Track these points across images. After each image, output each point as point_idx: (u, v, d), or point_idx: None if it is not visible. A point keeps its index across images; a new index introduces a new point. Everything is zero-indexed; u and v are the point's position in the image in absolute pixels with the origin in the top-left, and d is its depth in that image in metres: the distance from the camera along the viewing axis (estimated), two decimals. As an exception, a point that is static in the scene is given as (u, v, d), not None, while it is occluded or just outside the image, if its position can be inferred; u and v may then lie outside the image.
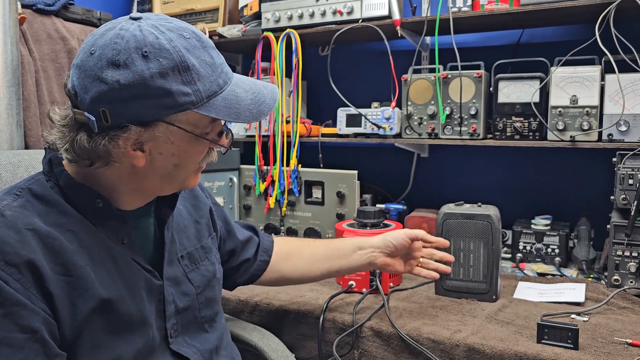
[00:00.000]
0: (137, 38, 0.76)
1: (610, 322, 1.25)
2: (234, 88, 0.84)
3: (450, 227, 1.42)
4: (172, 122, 0.80)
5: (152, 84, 0.76)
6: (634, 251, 1.44)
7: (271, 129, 2.11)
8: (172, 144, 0.82)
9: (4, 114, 1.57)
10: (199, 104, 0.79)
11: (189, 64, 0.78)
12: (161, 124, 0.79)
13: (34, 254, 0.76)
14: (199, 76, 0.79)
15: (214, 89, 0.81)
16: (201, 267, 1.03)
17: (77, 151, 0.80)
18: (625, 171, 1.47)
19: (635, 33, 1.55)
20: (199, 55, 0.80)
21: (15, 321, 0.73)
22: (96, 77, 0.76)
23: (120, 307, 0.83)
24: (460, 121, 1.79)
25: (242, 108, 0.83)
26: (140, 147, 0.81)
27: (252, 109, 0.84)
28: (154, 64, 0.76)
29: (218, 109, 0.81)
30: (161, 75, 0.76)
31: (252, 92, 0.86)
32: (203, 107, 0.80)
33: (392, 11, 1.87)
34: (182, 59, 0.78)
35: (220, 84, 0.82)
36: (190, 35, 0.81)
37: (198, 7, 2.32)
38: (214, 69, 0.82)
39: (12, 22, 1.59)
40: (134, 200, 0.90)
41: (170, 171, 0.86)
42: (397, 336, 1.23)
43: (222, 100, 0.82)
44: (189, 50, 0.79)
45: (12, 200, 0.81)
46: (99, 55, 0.76)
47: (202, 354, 0.96)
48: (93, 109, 0.77)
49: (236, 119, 0.83)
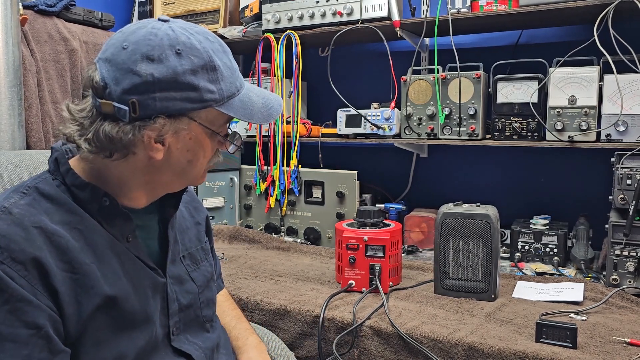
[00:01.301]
0: (171, 37, 0.82)
1: (609, 322, 1.25)
2: (247, 92, 0.90)
3: (449, 227, 1.43)
4: (194, 117, 0.85)
5: (183, 79, 0.81)
6: (632, 251, 1.45)
7: (271, 130, 2.11)
8: (190, 139, 0.86)
9: (6, 114, 1.58)
10: (221, 102, 0.85)
11: (216, 65, 0.84)
12: (184, 119, 0.84)
13: (40, 251, 0.77)
14: (222, 76, 0.85)
15: (233, 90, 0.87)
16: (202, 267, 1.04)
17: (102, 141, 0.81)
18: (623, 171, 1.48)
19: (633, 34, 1.56)
20: (221, 57, 0.86)
21: (20, 317, 0.73)
22: (129, 70, 0.80)
23: (125, 304, 0.84)
24: (459, 121, 1.80)
25: (255, 110, 0.90)
26: (162, 141, 0.84)
27: (264, 112, 0.91)
28: (186, 61, 0.81)
29: (236, 108, 0.87)
30: (192, 72, 0.81)
31: (262, 97, 0.92)
32: (223, 106, 0.86)
33: (391, 12, 1.88)
34: (211, 59, 0.84)
35: (238, 87, 0.88)
36: (214, 40, 0.87)
37: (199, 9, 2.33)
38: (232, 72, 0.88)
39: (14, 23, 1.60)
40: (142, 196, 0.91)
41: (184, 167, 0.89)
42: (396, 335, 1.24)
43: (239, 102, 0.88)
44: (214, 52, 0.85)
45: (19, 198, 0.82)
46: (132, 49, 0.80)
47: (203, 351, 0.97)
48: (123, 100, 0.80)
49: (250, 119, 0.89)
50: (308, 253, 1.90)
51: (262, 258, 1.82)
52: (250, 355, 1.11)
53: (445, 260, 1.43)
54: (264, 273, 1.66)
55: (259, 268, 1.70)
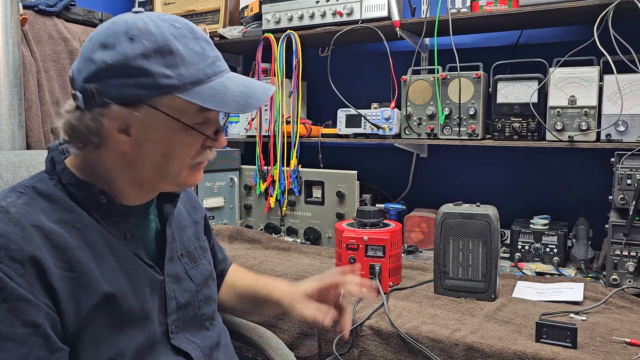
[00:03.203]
0: (129, 24, 0.81)
1: (609, 322, 1.25)
2: (224, 80, 0.85)
3: (449, 227, 1.43)
4: (156, 106, 0.80)
5: (133, 63, 0.78)
6: (632, 251, 1.45)
7: (271, 130, 2.11)
8: (156, 130, 0.83)
9: (6, 114, 1.58)
10: (183, 89, 0.80)
11: (173, 48, 0.80)
12: (145, 107, 0.81)
13: (38, 250, 0.77)
14: (183, 61, 0.80)
15: (199, 76, 0.82)
16: (200, 265, 1.04)
17: (69, 131, 0.83)
18: (623, 171, 1.48)
19: (633, 34, 1.56)
20: (187, 43, 0.82)
21: (18, 316, 0.74)
22: (88, 59, 0.81)
23: (123, 302, 0.84)
24: (459, 121, 1.80)
25: (228, 98, 0.83)
26: (127, 131, 0.82)
27: (240, 100, 0.84)
28: (138, 46, 0.79)
29: (203, 96, 0.81)
30: (143, 56, 0.79)
31: (244, 86, 0.86)
32: (187, 93, 0.80)
33: (391, 12, 1.88)
34: (166, 43, 0.80)
35: (209, 74, 0.83)
36: (182, 26, 0.83)
37: (199, 9, 2.33)
38: (202, 58, 0.83)
39: (14, 23, 1.60)
40: (134, 192, 0.91)
41: (159, 161, 0.85)
42: (396, 335, 1.24)
43: (209, 89, 0.82)
44: (176, 37, 0.81)
45: (16, 197, 0.82)
46: (94, 40, 0.82)
47: (202, 350, 0.97)
48: (84, 89, 0.81)
49: (221, 108, 0.83)
50: (308, 253, 1.90)
51: (262, 258, 1.82)
52: (283, 285, 1.11)
53: (445, 260, 1.44)
54: (264, 273, 1.65)
55: (259, 268, 1.70)
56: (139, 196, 0.92)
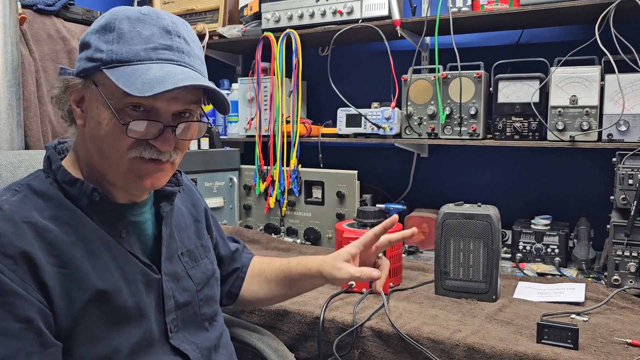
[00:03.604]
0: (112, 12, 0.85)
1: (610, 322, 1.25)
2: (154, 66, 0.80)
3: (450, 227, 1.42)
4: (96, 82, 0.83)
5: (86, 38, 0.85)
6: (634, 251, 1.44)
7: (271, 129, 2.11)
8: (96, 109, 0.83)
9: (5, 114, 1.57)
10: (110, 65, 0.80)
11: (116, 26, 0.81)
12: (90, 83, 0.83)
13: (30, 245, 0.77)
14: (122, 39, 0.80)
15: (129, 56, 0.79)
16: (201, 264, 1.04)
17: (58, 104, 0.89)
18: (625, 171, 1.47)
19: (634, 33, 1.56)
20: (138, 26, 0.81)
21: (10, 311, 0.74)
22: None
23: (117, 298, 0.84)
24: (460, 121, 1.79)
25: (137, 80, 0.77)
26: (81, 105, 0.86)
27: (148, 82, 0.77)
28: (96, 23, 0.85)
29: (118, 74, 0.78)
30: (93, 32, 0.84)
31: (166, 72, 0.79)
32: (111, 70, 0.79)
33: (392, 11, 1.87)
34: (112, 21, 0.82)
35: (141, 57, 0.80)
36: (148, 12, 0.83)
37: (198, 7, 2.32)
38: (145, 42, 0.80)
39: (13, 22, 1.60)
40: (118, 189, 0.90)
41: (99, 143, 0.84)
42: (397, 336, 1.23)
43: (131, 70, 0.79)
44: (129, 18, 0.82)
45: (11, 195, 0.83)
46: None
47: (200, 351, 0.97)
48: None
49: (126, 88, 0.77)
50: (308, 253, 1.89)
51: (262, 258, 1.82)
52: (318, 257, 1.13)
53: (446, 261, 1.43)
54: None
55: (259, 268, 1.70)
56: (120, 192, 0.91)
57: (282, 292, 1.20)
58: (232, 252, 1.22)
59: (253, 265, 1.24)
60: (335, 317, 1.32)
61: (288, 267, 1.17)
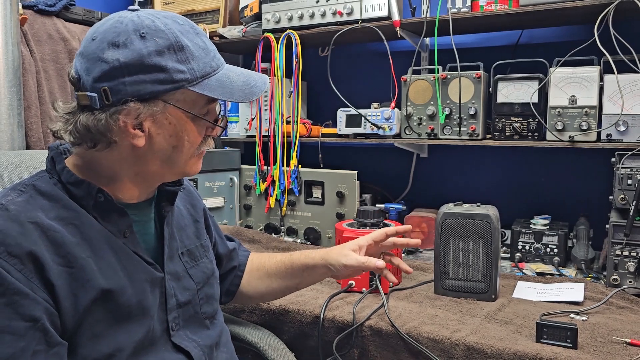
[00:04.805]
0: (135, 22, 0.83)
1: (609, 322, 1.25)
2: (226, 72, 0.90)
3: (449, 227, 1.42)
4: (169, 100, 0.85)
5: (149, 61, 0.82)
6: (633, 251, 1.44)
7: (271, 129, 2.11)
8: (169, 124, 0.86)
9: (5, 114, 1.58)
10: (194, 82, 0.85)
11: (183, 44, 0.84)
12: (159, 102, 0.84)
13: (36, 245, 0.78)
14: (192, 56, 0.85)
15: (207, 70, 0.87)
16: (201, 264, 1.05)
17: (80, 131, 0.84)
18: (624, 171, 1.48)
19: (634, 33, 1.56)
20: (192, 39, 0.86)
21: (16, 310, 0.75)
22: (98, 59, 0.82)
23: (121, 297, 0.85)
24: (459, 121, 1.80)
25: (235, 88, 0.89)
26: (140, 127, 0.85)
27: (245, 90, 0.90)
28: (151, 43, 0.82)
29: (212, 88, 0.86)
30: (157, 53, 0.82)
31: (244, 76, 0.92)
32: (198, 86, 0.85)
33: (391, 12, 1.87)
34: (177, 40, 0.84)
35: (214, 67, 0.88)
36: (184, 22, 0.88)
37: (199, 8, 2.33)
38: (206, 52, 0.88)
39: (14, 23, 1.60)
40: (135, 188, 0.92)
41: (170, 154, 0.89)
42: (396, 335, 1.24)
43: (216, 81, 0.87)
44: (182, 33, 0.85)
45: (16, 195, 0.83)
46: (100, 39, 0.83)
47: (202, 349, 0.98)
48: (95, 88, 0.82)
49: (230, 98, 0.88)
50: (308, 253, 1.90)
51: (262, 258, 1.82)
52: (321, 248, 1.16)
53: (446, 261, 1.43)
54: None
55: (259, 268, 1.70)
56: (138, 191, 0.93)
57: (283, 285, 1.21)
58: (230, 251, 1.23)
59: (252, 261, 1.25)
60: (335, 317, 1.32)
61: (290, 259, 1.19)
